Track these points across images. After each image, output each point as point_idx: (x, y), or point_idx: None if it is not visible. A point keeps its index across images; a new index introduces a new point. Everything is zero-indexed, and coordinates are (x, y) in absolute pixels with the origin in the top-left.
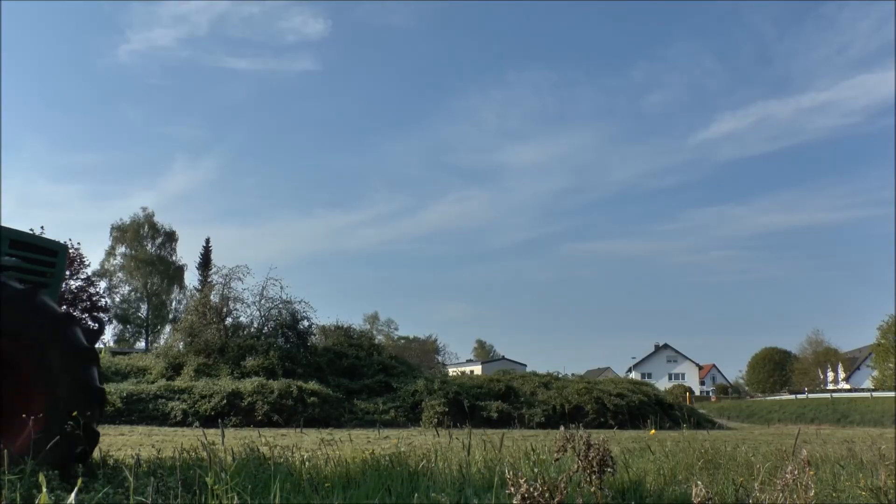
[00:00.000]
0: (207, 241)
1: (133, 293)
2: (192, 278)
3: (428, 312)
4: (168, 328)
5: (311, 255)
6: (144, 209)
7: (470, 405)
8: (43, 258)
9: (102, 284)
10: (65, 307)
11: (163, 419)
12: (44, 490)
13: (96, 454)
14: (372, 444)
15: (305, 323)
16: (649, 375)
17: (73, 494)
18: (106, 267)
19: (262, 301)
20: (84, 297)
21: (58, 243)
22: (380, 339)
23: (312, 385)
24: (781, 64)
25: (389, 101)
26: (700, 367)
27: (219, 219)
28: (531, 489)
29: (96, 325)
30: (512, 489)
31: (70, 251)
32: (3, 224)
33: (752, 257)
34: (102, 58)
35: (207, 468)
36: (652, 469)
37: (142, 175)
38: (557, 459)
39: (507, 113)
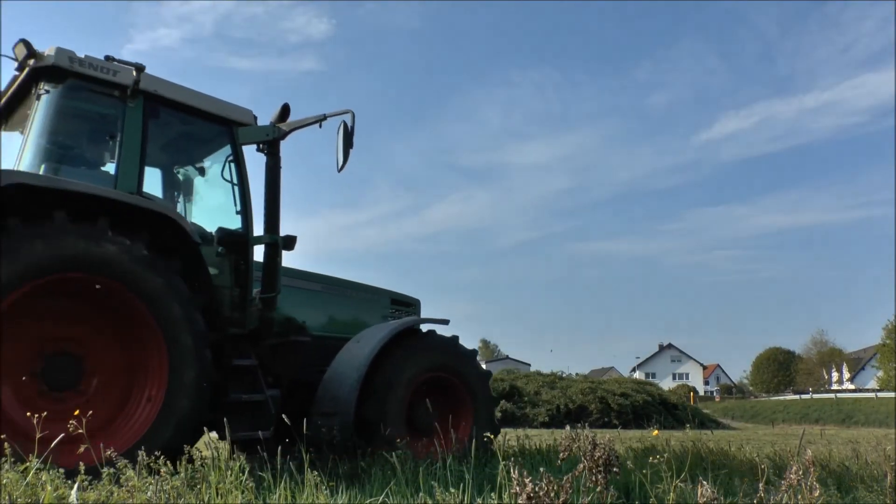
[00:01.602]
0: None
1: None
2: None
3: (432, 311)
4: None
5: (315, 255)
6: None
7: None
8: (409, 311)
9: None
10: None
11: None
12: (48, 488)
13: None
14: None
15: None
16: (653, 375)
17: (73, 491)
18: None
19: None
20: None
21: (415, 298)
22: None
23: None
24: (785, 63)
25: (393, 100)
26: (704, 367)
27: None
28: (536, 488)
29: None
30: (517, 488)
31: None
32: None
33: (756, 257)
34: None
35: (212, 466)
36: (657, 469)
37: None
38: (563, 459)
39: (510, 112)
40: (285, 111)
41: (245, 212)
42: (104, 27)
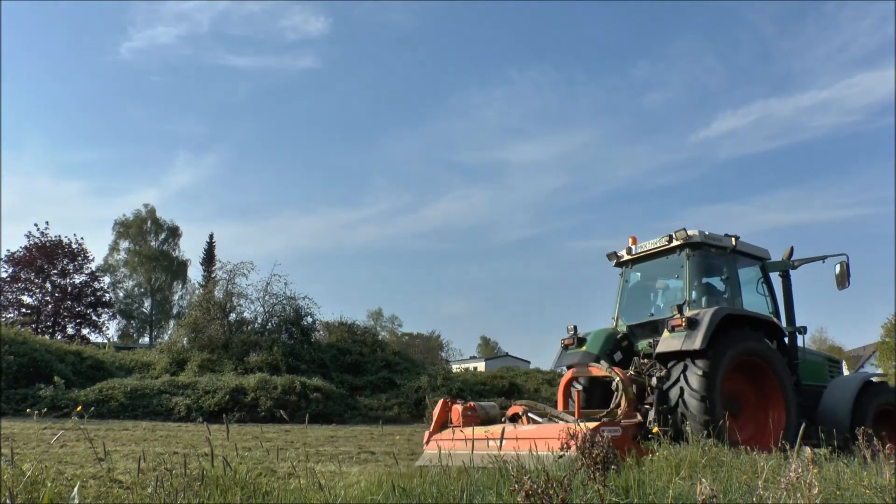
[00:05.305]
0: (211, 236)
1: (137, 288)
2: (195, 274)
3: (431, 309)
4: (172, 324)
5: (315, 252)
6: (147, 205)
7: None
8: (836, 364)
9: (107, 280)
10: (69, 302)
11: (167, 414)
12: (49, 485)
13: (100, 452)
14: (375, 440)
15: (309, 319)
16: None
17: (75, 489)
18: (109, 262)
19: (266, 297)
20: (88, 293)
21: (839, 358)
22: (383, 335)
23: (316, 381)
24: (782, 62)
25: (391, 98)
26: None
27: (222, 215)
28: (535, 486)
29: None
30: (516, 486)
31: (73, 247)
32: None
33: None
34: (105, 55)
35: (212, 464)
36: (656, 467)
37: (145, 171)
38: (561, 457)
39: (508, 110)
40: (791, 251)
41: (776, 312)
42: (103, 25)
